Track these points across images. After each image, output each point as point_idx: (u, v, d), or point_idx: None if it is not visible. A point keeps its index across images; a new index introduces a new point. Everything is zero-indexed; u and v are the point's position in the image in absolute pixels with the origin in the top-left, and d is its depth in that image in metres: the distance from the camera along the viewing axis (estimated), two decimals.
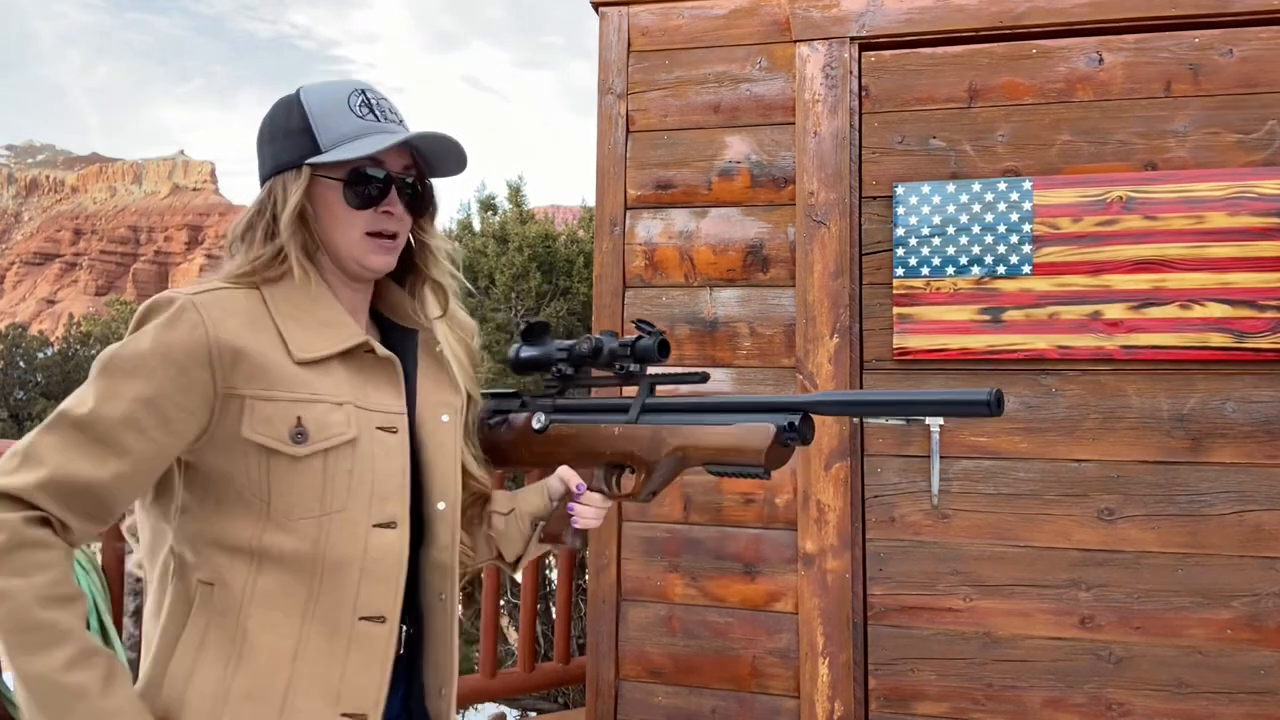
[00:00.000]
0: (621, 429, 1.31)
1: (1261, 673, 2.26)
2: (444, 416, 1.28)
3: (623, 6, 2.76)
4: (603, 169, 2.75)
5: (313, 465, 1.10)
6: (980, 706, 2.41)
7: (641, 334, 1.30)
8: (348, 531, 1.13)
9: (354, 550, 1.13)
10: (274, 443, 1.09)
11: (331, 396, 1.13)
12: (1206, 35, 2.37)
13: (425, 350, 1.30)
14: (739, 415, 1.23)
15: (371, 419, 1.16)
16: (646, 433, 1.29)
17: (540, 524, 1.37)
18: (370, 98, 1.20)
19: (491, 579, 3.18)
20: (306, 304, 1.17)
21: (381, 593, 1.15)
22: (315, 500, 1.11)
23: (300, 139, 1.17)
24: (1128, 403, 2.36)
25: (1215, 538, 2.30)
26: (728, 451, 1.21)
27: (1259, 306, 2.27)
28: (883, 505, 2.50)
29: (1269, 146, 2.32)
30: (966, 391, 1.08)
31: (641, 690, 2.62)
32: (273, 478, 1.10)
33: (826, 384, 2.50)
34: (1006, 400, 2.41)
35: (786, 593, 2.53)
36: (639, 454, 1.29)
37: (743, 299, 2.62)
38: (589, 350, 1.34)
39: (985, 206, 2.44)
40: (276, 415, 1.09)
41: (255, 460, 1.10)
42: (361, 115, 1.18)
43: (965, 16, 2.49)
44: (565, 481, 1.35)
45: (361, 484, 1.13)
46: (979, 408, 1.07)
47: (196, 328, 1.08)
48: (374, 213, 1.18)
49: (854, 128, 2.56)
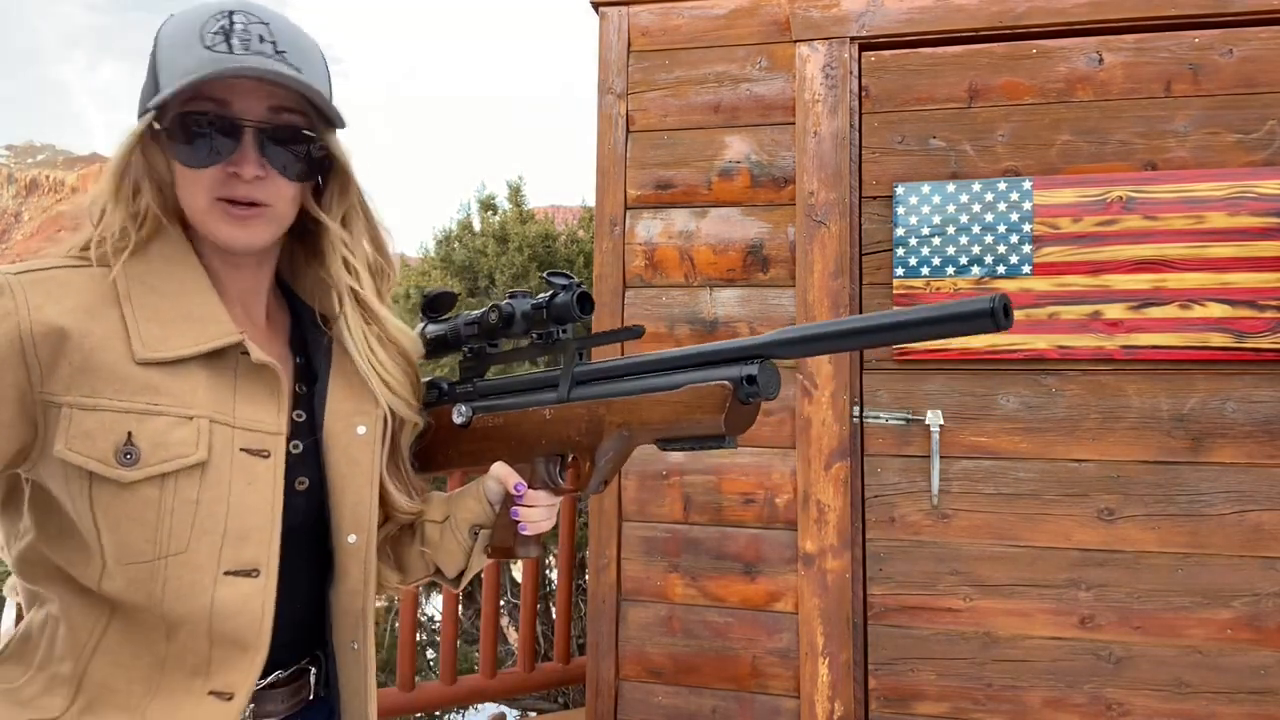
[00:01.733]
0: (553, 411, 1.10)
1: (1261, 673, 2.26)
2: (360, 428, 1.04)
3: (623, 6, 2.76)
4: (603, 169, 2.75)
5: (145, 494, 0.87)
6: (980, 706, 2.41)
7: (555, 288, 1.10)
8: (188, 580, 0.89)
9: (197, 604, 0.89)
10: (94, 464, 0.86)
11: (179, 408, 0.89)
12: (1206, 35, 2.37)
13: (342, 349, 1.06)
14: (686, 373, 1.00)
15: (234, 438, 0.92)
16: (582, 412, 1.07)
17: (480, 531, 1.15)
18: (236, 21, 0.90)
19: (491, 579, 3.18)
20: (170, 288, 0.93)
21: (234, 659, 0.91)
22: (148, 539, 0.87)
23: (149, 81, 0.92)
24: (1128, 403, 2.36)
25: (1215, 538, 2.30)
26: (680, 422, 0.99)
27: (1259, 306, 2.27)
28: (883, 505, 2.50)
29: (1269, 146, 2.32)
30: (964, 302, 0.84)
31: (641, 690, 2.62)
32: (97, 508, 0.87)
33: (827, 384, 2.50)
34: (1007, 400, 2.42)
35: (786, 593, 2.53)
36: (578, 439, 1.08)
37: (743, 299, 2.62)
38: (499, 319, 1.13)
39: (985, 206, 2.44)
40: (99, 429, 0.86)
41: (76, 485, 0.87)
42: (210, 45, 0.89)
43: (965, 16, 2.49)
44: (502, 482, 1.13)
45: (211, 519, 0.90)
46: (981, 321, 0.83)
47: (8, 316, 0.85)
48: (218, 171, 0.92)
49: (854, 128, 2.55)
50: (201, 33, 0.89)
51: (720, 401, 0.95)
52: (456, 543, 1.14)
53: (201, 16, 0.91)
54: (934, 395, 2.47)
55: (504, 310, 1.13)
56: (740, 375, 0.95)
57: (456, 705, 3.93)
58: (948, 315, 0.84)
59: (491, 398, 1.18)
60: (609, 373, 1.08)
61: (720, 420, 0.96)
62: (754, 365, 0.95)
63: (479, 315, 1.16)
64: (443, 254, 6.64)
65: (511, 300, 1.14)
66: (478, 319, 1.16)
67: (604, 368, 1.09)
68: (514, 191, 6.95)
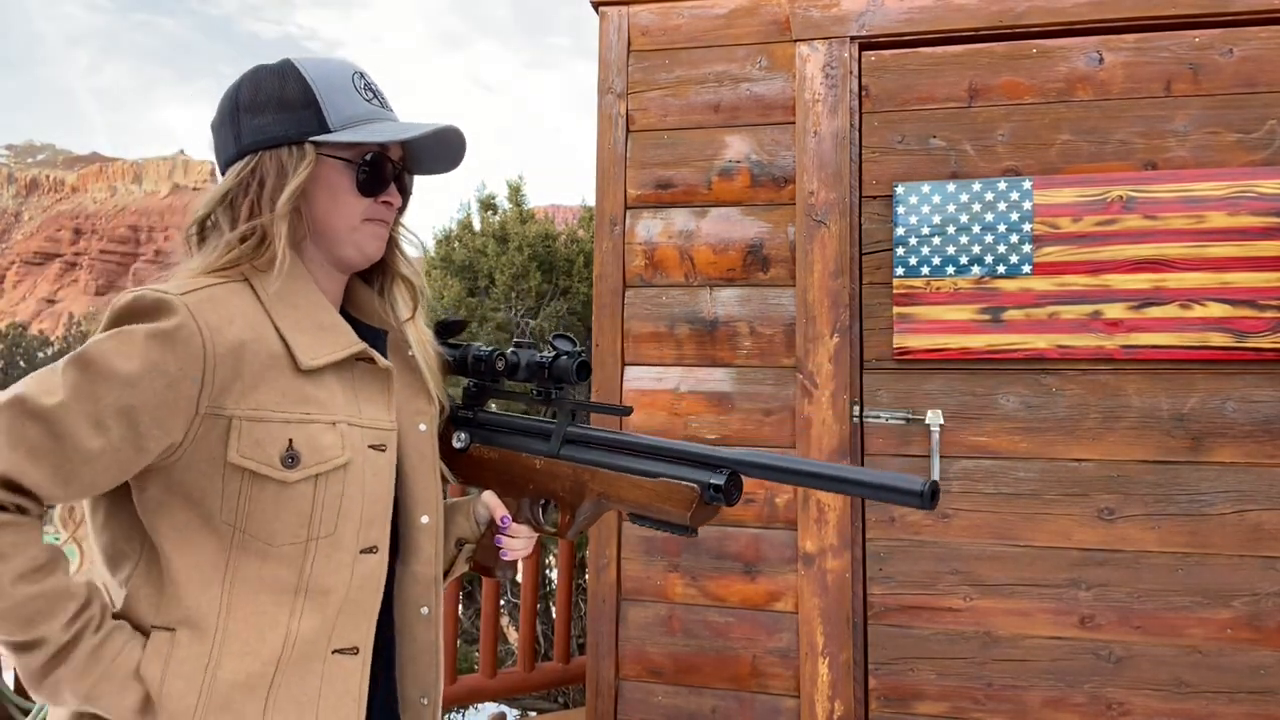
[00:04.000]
0: (543, 463, 1.24)
1: (1261, 672, 2.26)
2: (421, 425, 1.19)
3: (623, 6, 2.76)
4: (603, 169, 2.75)
5: (302, 491, 1.02)
6: (980, 706, 2.41)
7: (559, 353, 1.23)
8: (335, 559, 1.04)
9: (340, 579, 1.05)
10: (264, 468, 1.00)
11: (325, 415, 1.04)
12: (1206, 35, 2.37)
13: (396, 354, 1.20)
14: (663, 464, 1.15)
15: (364, 437, 1.08)
16: (568, 472, 1.22)
17: (465, 545, 1.30)
18: (370, 81, 1.13)
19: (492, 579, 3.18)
20: (301, 302, 1.07)
21: (357, 623, 1.08)
22: (302, 526, 1.02)
23: (303, 114, 1.07)
24: (1128, 402, 2.36)
25: (1215, 537, 2.30)
26: (650, 507, 1.14)
27: (1259, 306, 2.27)
28: (883, 505, 2.50)
29: (1269, 146, 2.32)
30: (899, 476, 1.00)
31: (641, 690, 2.62)
32: (253, 503, 1.00)
33: (827, 384, 2.50)
34: (1007, 400, 2.42)
35: (786, 592, 2.53)
36: (561, 494, 1.23)
37: (743, 298, 2.62)
38: (506, 367, 1.26)
39: (985, 206, 2.44)
40: (267, 438, 1.00)
41: (235, 484, 1.00)
42: (368, 99, 1.11)
43: (965, 16, 2.49)
44: (491, 510, 1.27)
45: (352, 507, 1.06)
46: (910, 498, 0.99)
47: (193, 338, 0.97)
48: (375, 201, 1.12)
49: (854, 127, 2.55)
50: (354, 86, 1.10)
51: (688, 500, 1.11)
52: (444, 550, 1.26)
53: (343, 70, 1.11)
54: (934, 395, 2.47)
55: (509, 359, 1.26)
56: (709, 483, 1.10)
57: (456, 705, 3.93)
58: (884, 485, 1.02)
59: (489, 430, 1.30)
60: (597, 441, 1.22)
61: (687, 516, 1.11)
62: (721, 475, 1.10)
63: (488, 355, 1.27)
64: (443, 254, 6.64)
65: (518, 350, 1.27)
66: (487, 359, 1.27)
67: (593, 436, 1.23)
68: (514, 191, 6.94)
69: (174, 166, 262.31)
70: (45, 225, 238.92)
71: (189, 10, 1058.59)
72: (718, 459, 1.12)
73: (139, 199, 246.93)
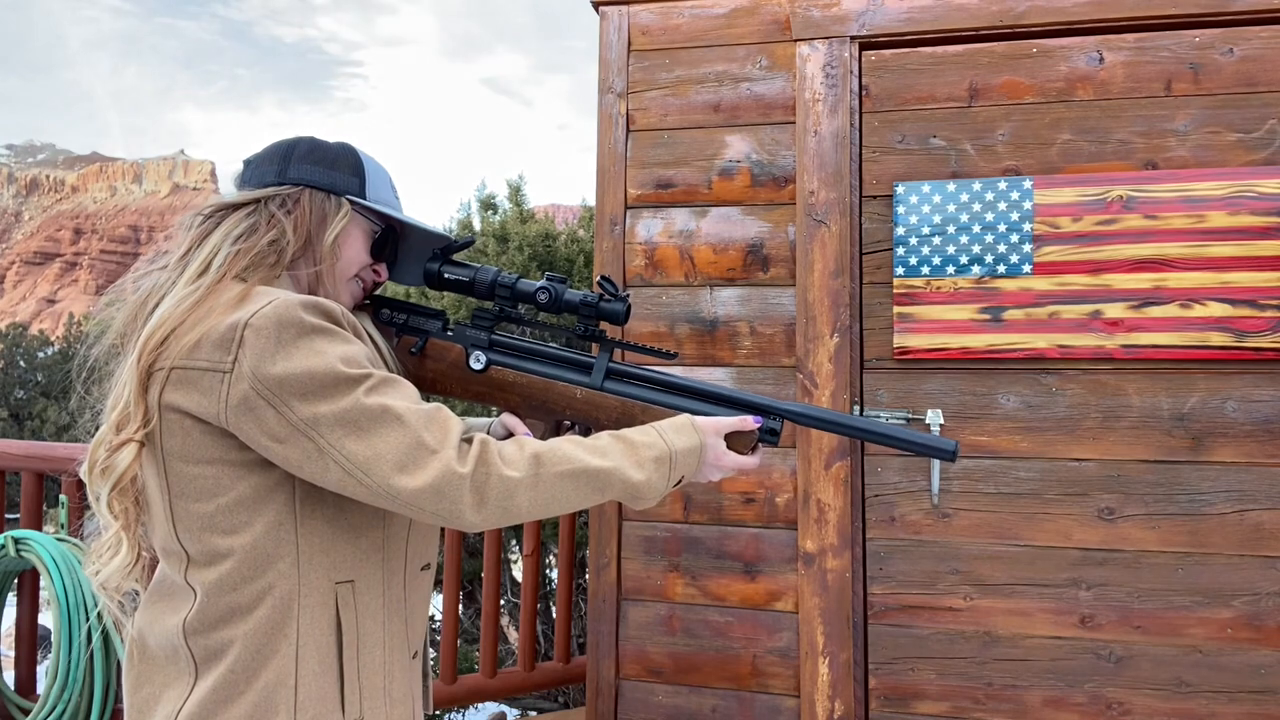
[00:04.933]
0: (584, 394, 1.26)
1: (1261, 672, 2.26)
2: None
3: (623, 6, 2.76)
4: (603, 168, 2.75)
5: None
6: (980, 706, 2.41)
7: (607, 294, 1.27)
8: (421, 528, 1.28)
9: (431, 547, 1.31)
10: None
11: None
12: (1207, 34, 2.37)
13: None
14: (711, 405, 1.24)
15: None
16: (615, 404, 1.25)
17: None
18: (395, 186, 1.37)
19: (492, 578, 3.18)
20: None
21: (429, 543, 1.29)
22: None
23: (350, 179, 1.27)
24: (1128, 402, 2.36)
25: (1215, 537, 2.30)
26: None
27: (1259, 306, 2.27)
28: (883, 504, 2.50)
29: (1269, 146, 2.32)
30: (932, 436, 1.10)
31: (642, 689, 2.62)
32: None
33: (827, 383, 2.50)
34: (1007, 400, 2.42)
35: (787, 592, 2.53)
36: (603, 423, 1.26)
37: (743, 298, 2.62)
38: (549, 299, 1.28)
39: (985, 206, 2.44)
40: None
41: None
42: (395, 196, 1.36)
43: (965, 16, 2.49)
44: (513, 430, 1.32)
45: None
46: (943, 454, 1.19)
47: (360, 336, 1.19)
48: (373, 265, 1.32)
49: (854, 127, 2.55)
50: (390, 183, 1.34)
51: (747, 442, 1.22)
52: None
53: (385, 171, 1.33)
54: (934, 394, 2.47)
55: (554, 293, 1.28)
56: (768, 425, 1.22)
57: (457, 705, 3.93)
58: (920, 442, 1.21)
59: (512, 355, 1.30)
60: (641, 379, 1.27)
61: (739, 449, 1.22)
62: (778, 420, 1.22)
63: (514, 280, 1.29)
64: None
65: (559, 284, 1.28)
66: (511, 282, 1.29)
67: (637, 373, 1.27)
68: (514, 191, 6.94)
69: (174, 166, 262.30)
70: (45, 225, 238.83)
71: (212, 14, 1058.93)
72: (768, 406, 1.23)
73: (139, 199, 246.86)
